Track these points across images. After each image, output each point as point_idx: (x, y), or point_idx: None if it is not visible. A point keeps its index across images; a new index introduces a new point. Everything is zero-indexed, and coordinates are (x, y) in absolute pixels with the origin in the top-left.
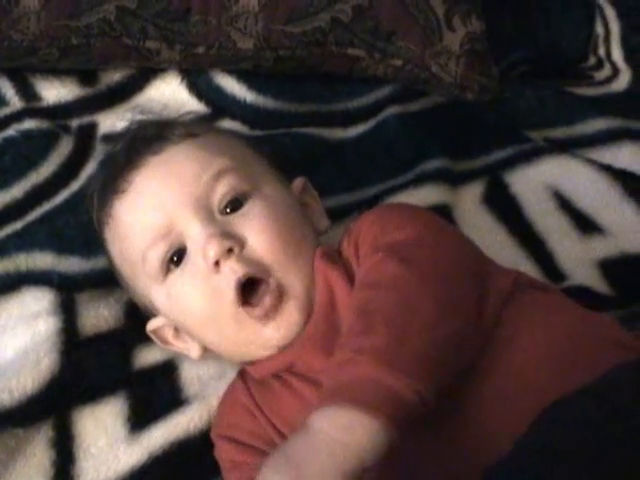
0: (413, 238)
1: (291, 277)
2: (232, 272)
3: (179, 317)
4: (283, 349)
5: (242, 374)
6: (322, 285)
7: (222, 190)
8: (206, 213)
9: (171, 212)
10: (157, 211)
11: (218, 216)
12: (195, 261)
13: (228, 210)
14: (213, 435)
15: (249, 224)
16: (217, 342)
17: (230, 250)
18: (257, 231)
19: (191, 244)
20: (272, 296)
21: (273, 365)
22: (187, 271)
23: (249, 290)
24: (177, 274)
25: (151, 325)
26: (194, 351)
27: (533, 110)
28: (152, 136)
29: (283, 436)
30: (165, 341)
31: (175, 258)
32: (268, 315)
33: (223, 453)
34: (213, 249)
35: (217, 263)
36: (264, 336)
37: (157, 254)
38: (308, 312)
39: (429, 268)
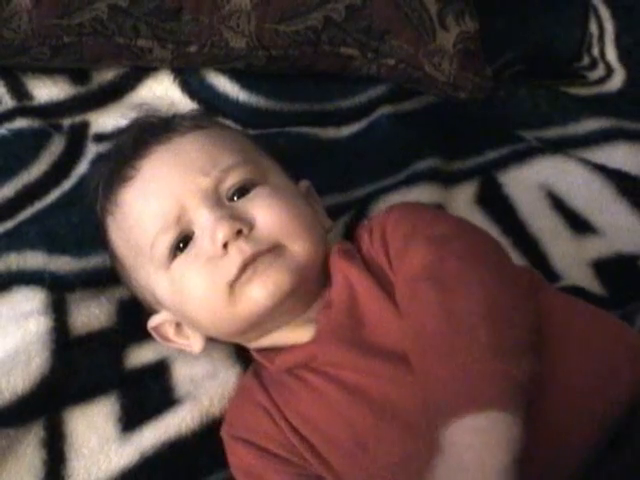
0: (454, 231)
1: (295, 244)
2: (239, 252)
3: (182, 304)
4: (305, 343)
5: (255, 372)
6: (341, 281)
7: (231, 182)
8: (215, 200)
9: (180, 199)
10: (166, 198)
11: (225, 202)
12: (201, 245)
13: (235, 198)
14: (225, 435)
15: (257, 206)
16: (215, 325)
17: (239, 232)
18: (265, 211)
19: (198, 229)
20: (256, 247)
21: (295, 357)
22: (192, 255)
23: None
24: (182, 259)
25: (152, 322)
26: (196, 345)
27: (527, 110)
28: (159, 127)
29: (301, 437)
30: (166, 338)
31: (181, 244)
32: (255, 269)
33: (237, 456)
34: (223, 231)
35: (225, 245)
36: (252, 296)
37: (166, 240)
38: (303, 280)
39: (485, 259)
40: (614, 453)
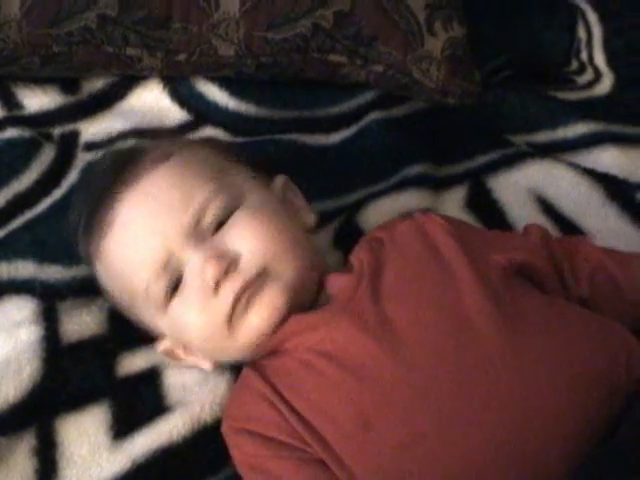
0: None
1: (282, 265)
2: (231, 290)
3: (184, 340)
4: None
5: (253, 364)
6: (368, 264)
7: (209, 216)
8: (198, 237)
9: (164, 244)
10: (150, 246)
11: (209, 236)
12: (192, 286)
13: (214, 228)
14: (227, 430)
15: (240, 236)
16: (223, 355)
17: (228, 270)
18: (248, 240)
19: (187, 270)
20: (262, 276)
21: (303, 339)
22: (186, 296)
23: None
24: (177, 301)
25: (160, 347)
26: (206, 364)
27: (516, 114)
28: (122, 168)
29: (304, 420)
30: (178, 359)
31: (175, 285)
32: (248, 299)
33: (241, 449)
34: (212, 273)
35: (217, 284)
36: (252, 324)
37: (160, 287)
38: (298, 300)
39: None
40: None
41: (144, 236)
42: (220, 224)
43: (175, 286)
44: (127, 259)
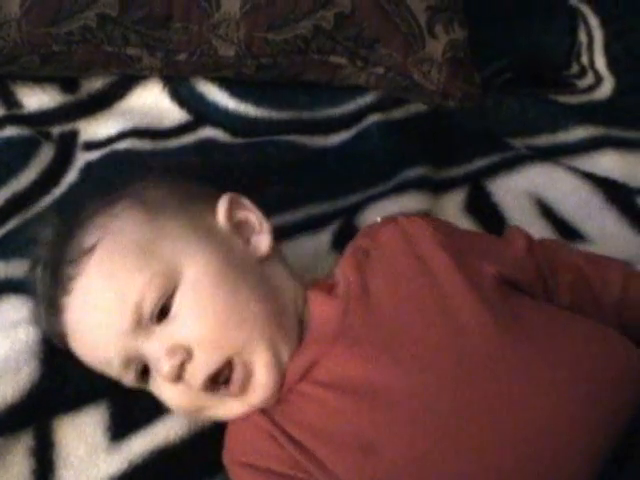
0: None
1: (249, 347)
2: (193, 380)
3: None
4: (303, 347)
5: None
6: (354, 281)
7: (149, 308)
8: (144, 331)
9: (117, 345)
10: (105, 349)
11: (156, 328)
12: (159, 374)
13: (161, 317)
14: (228, 463)
15: (186, 327)
16: (220, 419)
17: (183, 364)
18: (197, 333)
19: (148, 360)
20: (240, 372)
21: (295, 371)
22: (157, 382)
23: (216, 376)
24: (152, 383)
25: None
26: None
27: (515, 118)
28: (56, 271)
29: (305, 450)
30: None
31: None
32: (243, 387)
33: None
34: (165, 370)
35: (179, 376)
36: (249, 403)
37: (130, 378)
38: (281, 364)
39: None
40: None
41: (97, 342)
42: (163, 310)
43: (145, 370)
44: (92, 361)
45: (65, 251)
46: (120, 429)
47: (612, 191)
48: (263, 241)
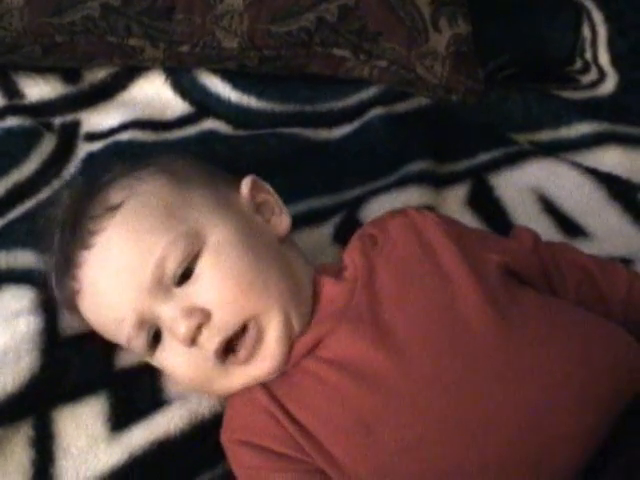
0: None
1: (266, 314)
2: (209, 344)
3: (177, 380)
4: (310, 325)
5: None
6: (361, 265)
7: (171, 270)
8: (163, 293)
9: (132, 306)
10: (122, 309)
11: (176, 290)
12: (170, 339)
13: (182, 280)
14: (226, 441)
15: (207, 288)
16: (219, 393)
17: (200, 325)
18: (218, 292)
19: (162, 324)
20: (253, 336)
21: (301, 348)
22: (167, 347)
23: (228, 343)
24: (160, 350)
25: None
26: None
27: (519, 113)
28: (76, 223)
29: (304, 430)
30: None
31: (156, 336)
32: (252, 353)
33: (240, 461)
34: (181, 331)
35: (193, 340)
36: (253, 374)
37: (140, 343)
38: (291, 337)
39: None
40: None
41: (112, 300)
42: (185, 273)
43: (156, 335)
44: (102, 320)
45: (87, 208)
46: (120, 420)
47: (615, 187)
48: (282, 223)
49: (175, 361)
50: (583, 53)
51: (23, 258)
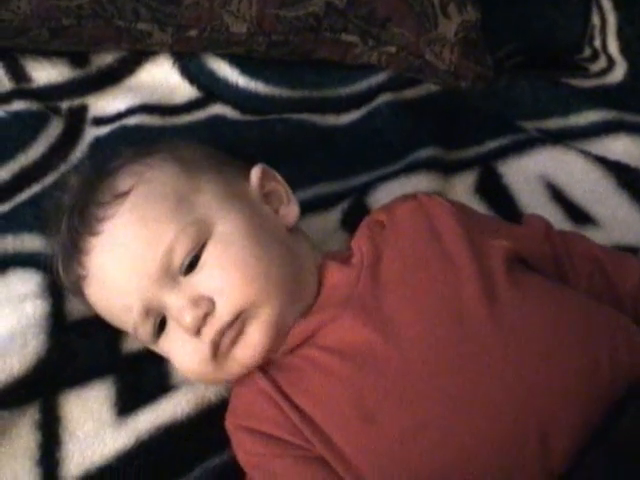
0: None
1: (261, 305)
2: (208, 336)
3: (179, 369)
4: (312, 312)
5: None
6: (367, 252)
7: (179, 258)
8: (170, 281)
9: (139, 294)
10: (128, 296)
11: (181, 277)
12: (174, 328)
13: (189, 269)
14: (230, 426)
15: (212, 277)
16: (217, 382)
17: (206, 315)
18: (221, 281)
19: (168, 314)
20: (235, 327)
21: (301, 333)
22: (171, 336)
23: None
24: (164, 339)
25: None
26: None
27: (527, 100)
28: (84, 209)
29: (305, 417)
30: None
31: (161, 323)
32: (232, 339)
33: (243, 447)
34: (188, 321)
35: (198, 329)
36: (239, 362)
37: (145, 331)
38: (278, 329)
39: None
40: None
41: (119, 288)
42: (192, 261)
43: (162, 323)
44: (109, 306)
45: (95, 194)
46: (127, 404)
47: (624, 175)
48: (290, 212)
49: (177, 350)
50: (592, 41)
51: (30, 242)
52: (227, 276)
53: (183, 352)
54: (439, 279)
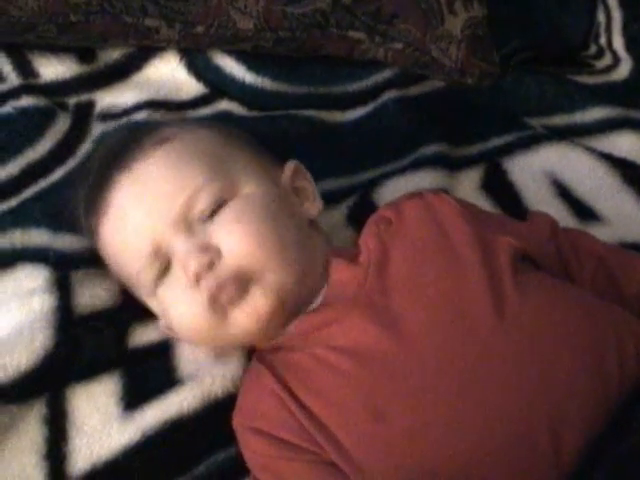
0: None
1: (268, 267)
2: (206, 288)
3: (172, 324)
4: (318, 307)
5: (261, 357)
6: (374, 250)
7: (200, 205)
8: (186, 227)
9: (153, 232)
10: (140, 234)
11: (197, 226)
12: (178, 275)
13: (206, 217)
14: (238, 426)
15: (225, 230)
16: (212, 343)
17: (210, 265)
18: (233, 238)
19: (174, 258)
20: (238, 281)
21: (309, 323)
22: (172, 284)
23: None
24: (164, 287)
25: (161, 324)
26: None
27: (533, 97)
28: (122, 149)
29: (314, 418)
30: (176, 336)
31: (163, 270)
32: (232, 301)
33: (251, 448)
34: (193, 266)
35: (198, 278)
36: (237, 322)
37: (149, 275)
38: (282, 301)
39: None
40: (617, 437)
41: (136, 223)
42: (211, 213)
43: (165, 271)
44: (120, 244)
45: (137, 136)
46: (133, 399)
47: (629, 172)
48: (314, 208)
49: (176, 299)
50: (597, 38)
51: (38, 237)
52: (240, 233)
53: (181, 302)
54: (447, 277)
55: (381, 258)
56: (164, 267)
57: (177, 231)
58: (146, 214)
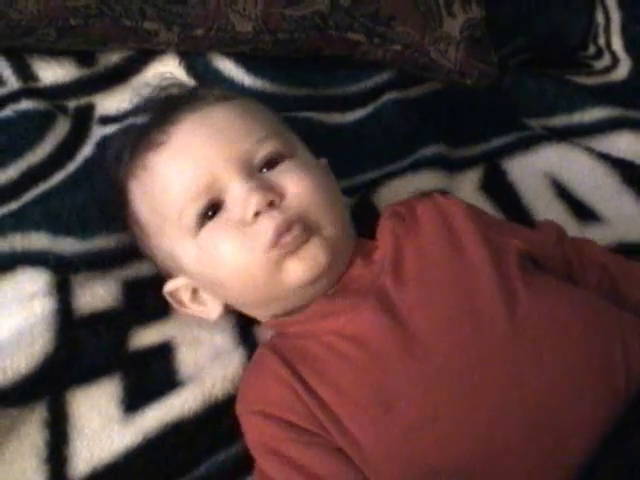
0: None
1: (325, 221)
2: (271, 219)
3: (208, 271)
4: (332, 294)
5: (271, 345)
6: (390, 246)
7: (263, 153)
8: (247, 170)
9: (213, 168)
10: (199, 167)
11: (257, 173)
12: (231, 214)
13: (266, 169)
14: (242, 411)
15: (288, 178)
16: (246, 293)
17: (271, 203)
18: (296, 184)
19: (230, 198)
20: (299, 228)
21: (329, 306)
22: (222, 222)
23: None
24: (210, 227)
25: (168, 287)
26: (214, 311)
27: (532, 98)
28: (187, 94)
29: (322, 404)
30: (182, 303)
31: (210, 213)
32: (295, 245)
33: (255, 431)
34: (255, 201)
35: (257, 214)
36: (287, 271)
37: (196, 209)
38: (336, 259)
39: None
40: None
41: (194, 159)
42: (270, 167)
43: (212, 212)
44: (171, 176)
45: (196, 90)
46: (134, 401)
47: (628, 172)
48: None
49: (222, 241)
50: (596, 39)
51: (38, 240)
52: (306, 180)
53: (234, 241)
54: (458, 276)
55: (396, 254)
56: (212, 205)
57: (239, 172)
58: (209, 150)
